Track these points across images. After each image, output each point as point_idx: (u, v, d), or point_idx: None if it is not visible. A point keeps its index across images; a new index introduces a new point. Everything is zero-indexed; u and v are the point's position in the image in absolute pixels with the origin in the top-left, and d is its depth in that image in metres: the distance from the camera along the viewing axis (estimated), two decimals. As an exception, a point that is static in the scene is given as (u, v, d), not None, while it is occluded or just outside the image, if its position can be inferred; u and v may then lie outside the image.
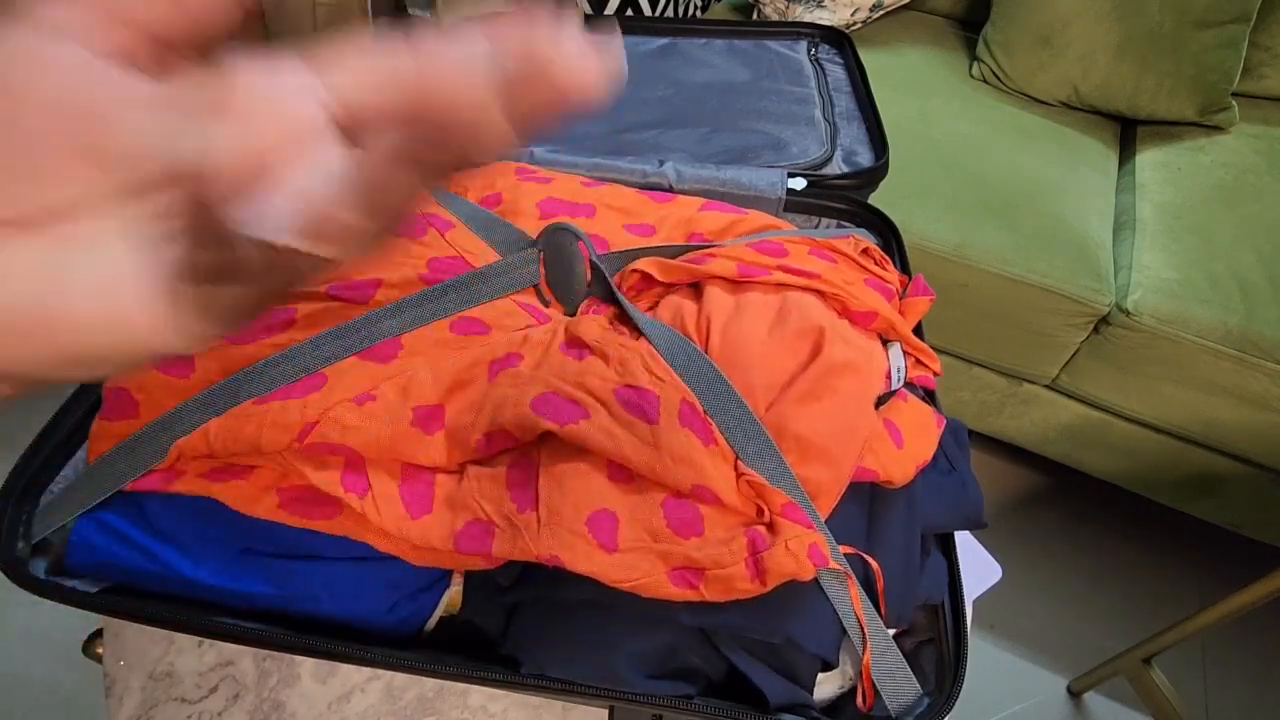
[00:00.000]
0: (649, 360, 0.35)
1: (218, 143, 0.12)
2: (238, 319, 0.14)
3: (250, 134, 0.12)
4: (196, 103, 0.13)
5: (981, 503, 0.37)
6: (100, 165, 0.12)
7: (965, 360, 1.11)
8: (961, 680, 0.32)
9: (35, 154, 0.12)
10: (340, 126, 0.13)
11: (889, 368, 0.38)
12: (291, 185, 0.13)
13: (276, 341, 0.36)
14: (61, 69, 0.12)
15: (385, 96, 0.13)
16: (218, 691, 0.42)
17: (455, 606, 0.36)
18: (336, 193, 0.13)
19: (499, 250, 0.43)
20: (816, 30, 0.72)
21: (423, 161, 0.13)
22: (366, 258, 0.14)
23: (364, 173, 0.13)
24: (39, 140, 0.12)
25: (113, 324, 0.13)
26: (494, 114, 0.13)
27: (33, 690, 1.02)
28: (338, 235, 0.13)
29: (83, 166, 0.12)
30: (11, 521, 0.34)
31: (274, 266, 0.13)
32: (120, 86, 0.13)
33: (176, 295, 0.13)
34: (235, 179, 0.12)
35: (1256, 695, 1.06)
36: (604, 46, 0.13)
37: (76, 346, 0.13)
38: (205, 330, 0.14)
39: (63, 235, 0.13)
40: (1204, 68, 1.07)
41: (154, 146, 0.12)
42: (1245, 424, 0.95)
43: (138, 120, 0.12)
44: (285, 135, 0.13)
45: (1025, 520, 1.24)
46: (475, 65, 0.13)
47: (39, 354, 0.13)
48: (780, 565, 0.29)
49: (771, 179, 0.51)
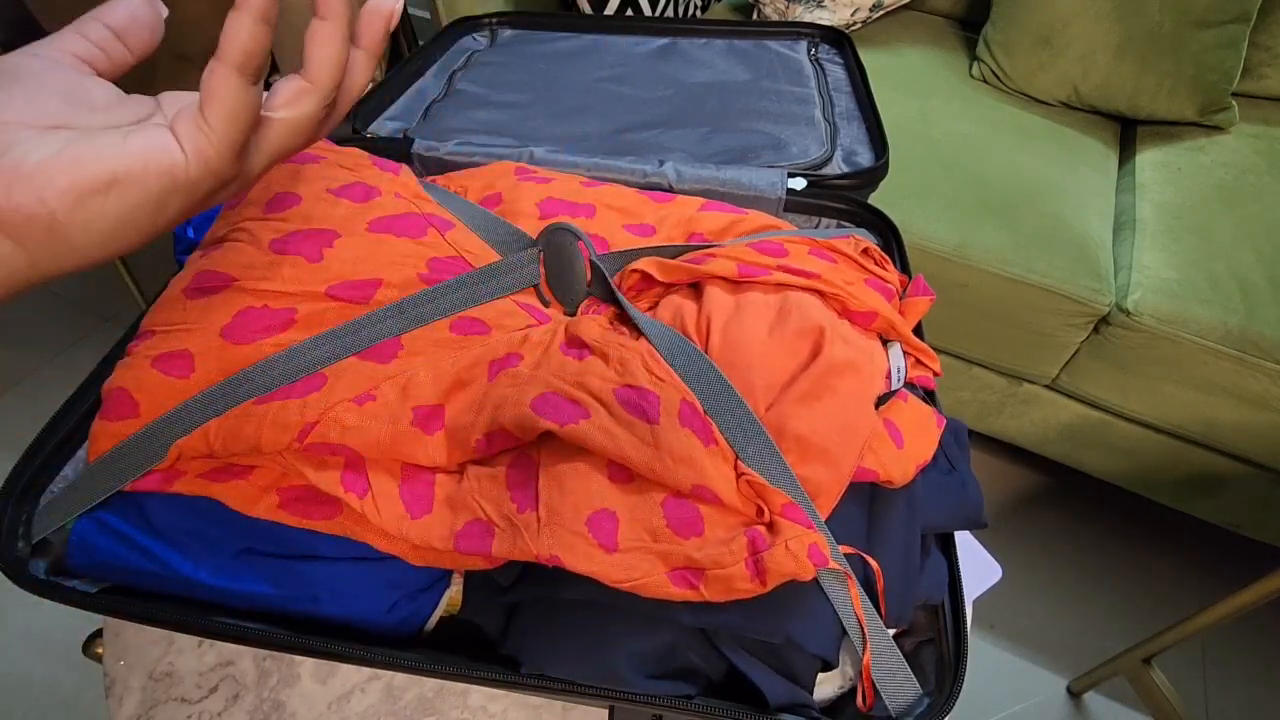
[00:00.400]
0: (649, 360, 0.35)
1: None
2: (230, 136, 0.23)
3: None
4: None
5: (981, 503, 0.37)
6: (89, 112, 0.24)
7: (965, 360, 1.11)
8: (961, 680, 0.32)
9: (51, 105, 0.23)
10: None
11: (889, 368, 0.38)
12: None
13: (276, 341, 0.36)
14: (58, 72, 0.24)
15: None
16: (218, 691, 0.42)
17: (455, 606, 0.36)
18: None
19: (499, 250, 0.43)
20: (816, 30, 0.72)
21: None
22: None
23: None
24: (49, 99, 0.23)
25: (141, 159, 0.22)
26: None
27: (33, 690, 1.02)
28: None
29: (77, 112, 0.23)
30: (11, 521, 0.34)
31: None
32: (92, 81, 0.25)
33: (182, 129, 0.23)
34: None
35: (1256, 695, 1.06)
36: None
37: (124, 188, 0.22)
38: (211, 149, 0.22)
39: (85, 130, 0.23)
40: (1204, 68, 1.07)
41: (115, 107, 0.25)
42: (1245, 424, 0.95)
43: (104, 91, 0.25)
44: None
45: (1025, 520, 1.24)
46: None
47: (105, 205, 0.21)
48: (780, 565, 0.29)
49: (771, 179, 0.51)
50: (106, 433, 0.34)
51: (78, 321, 1.46)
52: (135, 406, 0.34)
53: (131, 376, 0.35)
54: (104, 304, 1.48)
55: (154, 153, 0.22)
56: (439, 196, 0.45)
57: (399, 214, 0.42)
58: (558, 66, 0.68)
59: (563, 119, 0.60)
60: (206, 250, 0.40)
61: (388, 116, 0.62)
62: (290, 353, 0.35)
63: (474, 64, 0.69)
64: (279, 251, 0.39)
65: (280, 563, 0.33)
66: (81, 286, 1.50)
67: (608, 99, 0.63)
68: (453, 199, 0.46)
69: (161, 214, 0.23)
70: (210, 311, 0.37)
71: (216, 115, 0.22)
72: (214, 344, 0.35)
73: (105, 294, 1.48)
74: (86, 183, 0.21)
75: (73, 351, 1.41)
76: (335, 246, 0.39)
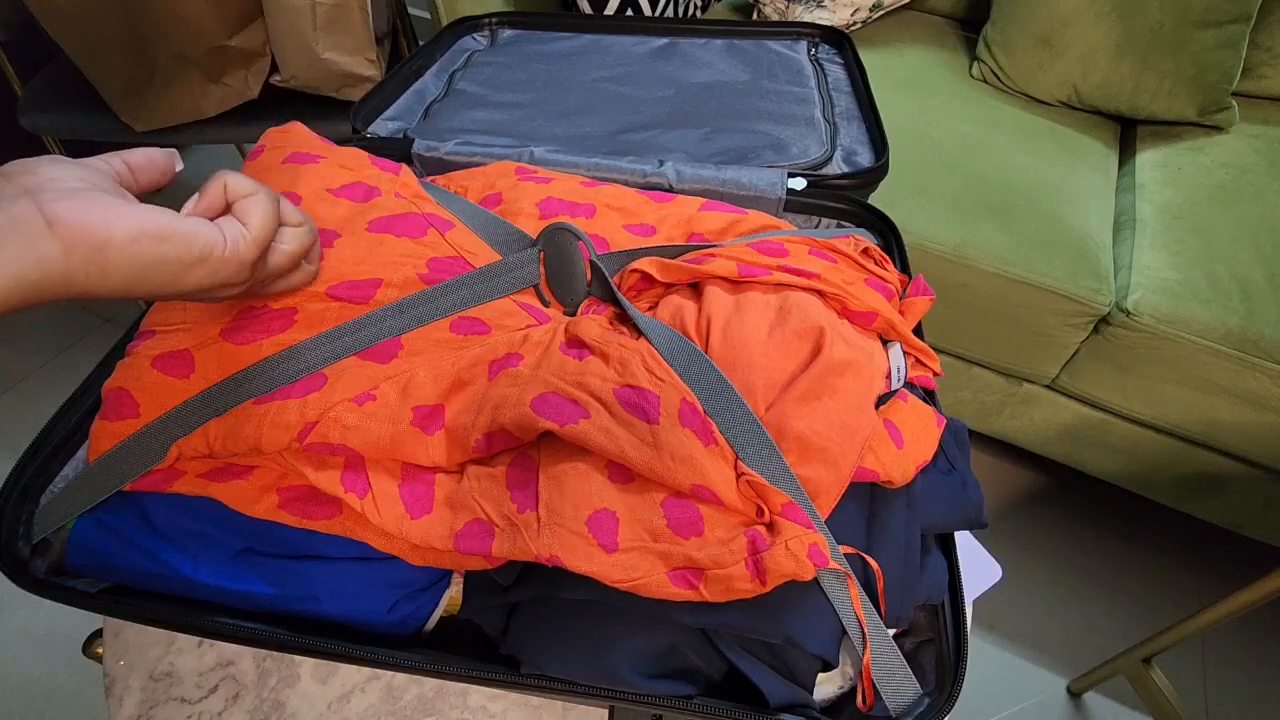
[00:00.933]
0: (649, 360, 0.35)
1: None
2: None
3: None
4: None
5: (981, 503, 0.37)
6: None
7: (965, 360, 1.11)
8: (961, 680, 0.32)
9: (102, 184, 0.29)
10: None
11: (889, 368, 0.38)
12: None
13: (276, 341, 0.35)
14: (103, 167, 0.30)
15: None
16: (218, 691, 0.42)
17: (455, 606, 0.36)
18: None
19: (499, 250, 0.43)
20: (816, 30, 0.72)
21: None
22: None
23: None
24: (100, 181, 0.29)
25: (193, 229, 0.29)
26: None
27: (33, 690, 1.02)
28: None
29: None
30: (11, 521, 0.34)
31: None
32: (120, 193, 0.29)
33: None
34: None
35: (1256, 695, 1.06)
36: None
37: (172, 244, 0.28)
38: (244, 242, 0.30)
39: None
40: (1204, 68, 1.07)
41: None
42: (1245, 424, 0.95)
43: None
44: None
45: (1025, 520, 1.24)
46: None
47: (151, 250, 0.27)
48: (780, 565, 0.29)
49: (771, 179, 0.51)
50: (106, 433, 0.34)
51: (78, 321, 1.46)
52: (135, 406, 0.34)
53: (131, 376, 0.35)
54: (104, 304, 1.48)
55: (203, 232, 0.29)
56: (439, 196, 0.45)
57: (399, 214, 0.42)
58: (558, 66, 0.68)
59: (563, 119, 0.60)
60: (206, 250, 0.40)
61: (388, 116, 0.62)
62: (290, 353, 0.35)
63: (474, 64, 0.69)
64: (279, 251, 0.39)
65: (280, 563, 0.33)
66: (81, 286, 1.50)
67: (608, 99, 0.63)
68: (453, 199, 0.46)
69: (185, 275, 0.28)
70: (210, 311, 0.37)
71: (256, 222, 0.31)
72: (214, 344, 0.35)
73: (105, 294, 1.48)
74: (149, 228, 0.27)
75: (73, 351, 1.41)
76: (335, 246, 0.39)
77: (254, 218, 0.31)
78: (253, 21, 0.93)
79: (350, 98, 1.01)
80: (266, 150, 0.44)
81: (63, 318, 1.46)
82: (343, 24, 0.93)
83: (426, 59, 0.68)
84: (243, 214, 0.31)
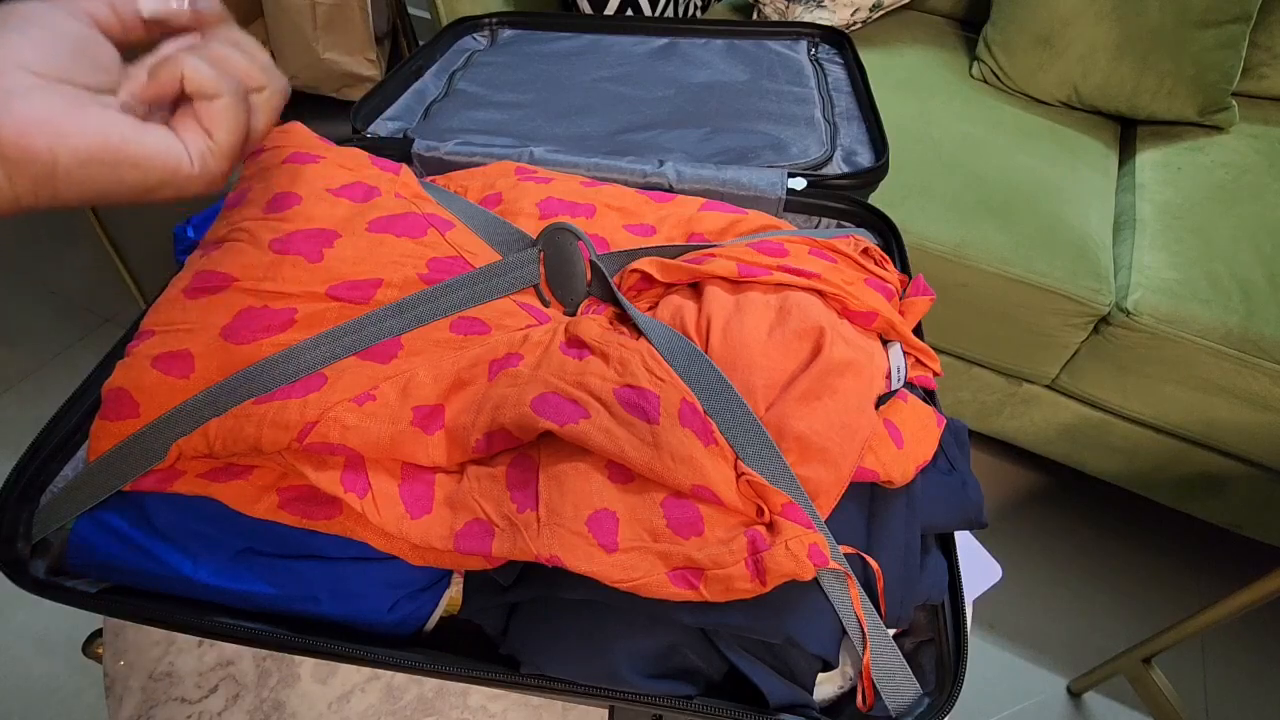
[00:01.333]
0: (649, 360, 0.35)
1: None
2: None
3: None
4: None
5: (981, 503, 0.37)
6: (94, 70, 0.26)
7: (965, 360, 1.11)
8: (961, 680, 0.32)
9: (60, 58, 0.25)
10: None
11: (889, 368, 0.38)
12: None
13: (276, 341, 0.35)
14: (72, 26, 0.26)
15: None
16: (218, 691, 0.42)
17: (455, 606, 0.36)
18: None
19: (499, 250, 0.43)
20: (816, 30, 0.72)
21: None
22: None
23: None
24: (60, 52, 0.25)
25: (152, 153, 0.25)
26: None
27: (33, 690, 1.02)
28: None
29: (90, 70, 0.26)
30: (11, 521, 0.34)
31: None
32: (102, 42, 0.27)
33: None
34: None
35: (1256, 695, 1.06)
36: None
37: (127, 170, 0.25)
38: (214, 161, 0.27)
39: (91, 92, 0.26)
40: (1204, 68, 1.07)
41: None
42: (1245, 424, 0.95)
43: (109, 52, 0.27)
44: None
45: (1025, 520, 1.24)
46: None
47: (104, 175, 0.25)
48: (780, 565, 0.29)
49: (771, 179, 0.51)
50: (106, 433, 0.34)
51: (78, 321, 1.46)
52: (135, 406, 0.34)
53: (131, 376, 0.35)
54: (104, 304, 1.48)
55: (165, 154, 0.26)
56: (439, 196, 0.45)
57: (399, 214, 0.42)
58: (558, 66, 0.68)
59: (563, 119, 0.60)
60: (206, 250, 0.40)
61: (388, 116, 0.62)
62: (290, 353, 0.35)
63: (474, 64, 0.69)
64: (279, 251, 0.39)
65: (280, 563, 0.33)
66: (81, 286, 1.50)
67: (608, 99, 0.63)
68: (453, 199, 0.46)
69: (147, 197, 0.26)
70: (210, 311, 0.37)
71: (223, 136, 0.27)
72: (214, 344, 0.35)
73: (105, 294, 1.48)
74: (98, 153, 0.24)
75: (73, 351, 1.41)
76: (335, 246, 0.39)
77: (221, 130, 0.27)
78: (253, 21, 0.93)
79: (350, 97, 1.01)
80: (266, 150, 0.44)
81: (63, 318, 1.46)
82: (343, 24, 0.93)
83: (426, 59, 0.68)
84: (209, 122, 0.27)
